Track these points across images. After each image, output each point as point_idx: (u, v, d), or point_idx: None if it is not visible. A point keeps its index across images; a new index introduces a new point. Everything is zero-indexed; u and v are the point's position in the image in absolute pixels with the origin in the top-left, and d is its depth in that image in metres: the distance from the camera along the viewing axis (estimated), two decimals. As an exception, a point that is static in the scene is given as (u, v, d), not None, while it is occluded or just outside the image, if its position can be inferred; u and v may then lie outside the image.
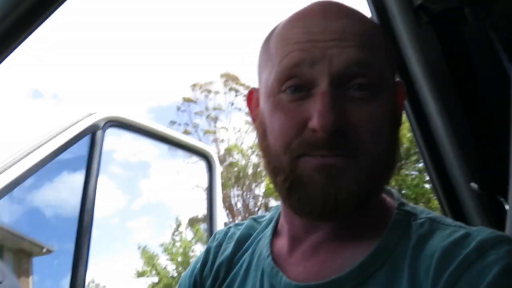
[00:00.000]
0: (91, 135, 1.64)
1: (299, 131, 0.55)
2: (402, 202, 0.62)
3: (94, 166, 1.62)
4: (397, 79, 0.66)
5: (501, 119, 0.75)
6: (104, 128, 1.67)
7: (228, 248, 0.70)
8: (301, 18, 0.59)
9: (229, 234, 0.74)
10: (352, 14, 0.59)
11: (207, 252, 0.73)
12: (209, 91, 18.28)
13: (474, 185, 0.81)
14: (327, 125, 0.52)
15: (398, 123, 0.61)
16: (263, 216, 0.75)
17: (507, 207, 0.71)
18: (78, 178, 1.67)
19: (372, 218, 0.60)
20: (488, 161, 0.82)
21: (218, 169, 2.10)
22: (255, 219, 0.75)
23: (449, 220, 0.58)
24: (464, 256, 0.49)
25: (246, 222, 0.75)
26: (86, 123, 1.59)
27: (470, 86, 0.89)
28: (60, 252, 1.79)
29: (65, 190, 1.79)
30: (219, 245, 0.72)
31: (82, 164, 1.66)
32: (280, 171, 0.57)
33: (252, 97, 0.68)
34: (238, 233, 0.72)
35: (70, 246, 1.56)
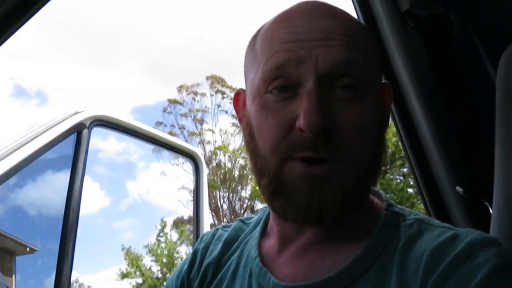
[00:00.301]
0: (77, 134, 1.62)
1: (287, 132, 0.55)
2: (390, 203, 0.62)
3: (80, 165, 1.60)
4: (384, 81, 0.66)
5: (486, 123, 0.77)
6: (90, 127, 1.65)
7: (216, 250, 0.70)
8: (286, 18, 0.59)
9: (216, 235, 0.73)
10: (338, 14, 0.59)
11: (194, 253, 0.72)
12: (196, 93, 18.21)
13: (459, 189, 0.82)
14: (313, 125, 0.51)
15: (385, 124, 0.62)
16: (251, 218, 0.74)
17: (491, 211, 0.72)
18: (63, 177, 1.65)
19: (361, 219, 0.60)
20: (473, 165, 0.84)
21: (205, 170, 2.10)
22: (242, 221, 0.74)
23: (437, 222, 0.59)
24: (453, 257, 0.50)
25: (233, 223, 0.75)
26: (72, 121, 1.57)
27: (456, 91, 0.91)
28: (43, 251, 1.77)
29: (49, 189, 1.76)
30: (207, 247, 0.72)
31: (67, 163, 1.64)
32: (265, 174, 0.57)
33: (239, 98, 0.67)
34: (225, 235, 0.72)
35: (54, 246, 1.54)
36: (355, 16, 1.05)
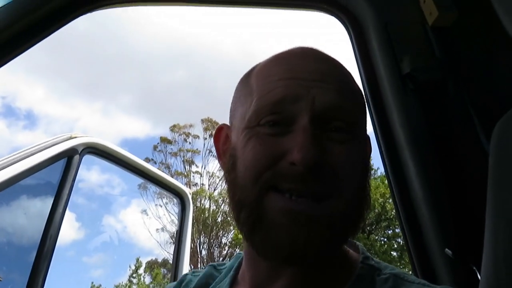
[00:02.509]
0: (67, 159, 1.60)
1: (274, 162, 0.54)
2: (366, 255, 0.62)
3: (65, 191, 1.57)
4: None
5: (478, 189, 0.78)
6: (82, 153, 1.64)
7: None
8: (283, 57, 0.62)
9: (185, 282, 0.71)
10: (332, 59, 0.62)
11: None
12: (188, 135, 18.30)
13: (448, 251, 0.82)
14: (308, 159, 0.51)
15: (369, 172, 0.62)
16: (223, 264, 0.72)
17: (479, 276, 0.71)
18: (41, 204, 1.61)
19: (336, 269, 0.59)
20: (464, 229, 0.84)
21: (191, 210, 2.06)
22: (214, 267, 0.72)
23: (412, 277, 0.58)
24: None
25: (205, 269, 0.72)
26: (64, 146, 1.56)
27: (450, 155, 0.93)
28: (6, 282, 1.67)
29: (24, 215, 1.69)
30: None
31: (49, 189, 1.60)
32: (244, 206, 0.55)
33: (221, 134, 0.67)
34: (195, 281, 0.69)
35: (19, 276, 1.47)
36: (358, 73, 1.11)
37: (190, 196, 2.08)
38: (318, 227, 0.52)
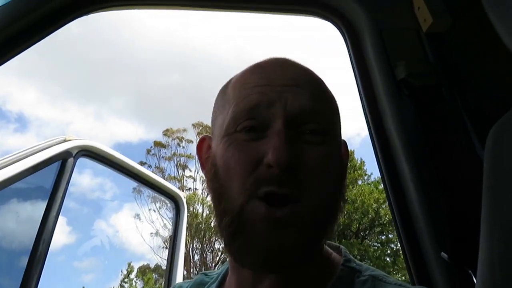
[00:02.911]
0: (62, 162, 1.59)
1: (253, 168, 0.55)
2: (348, 258, 0.63)
3: (59, 194, 1.56)
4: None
5: (473, 193, 0.79)
6: (77, 156, 1.63)
7: None
8: (258, 66, 0.64)
9: None
10: (302, 67, 0.65)
11: None
12: (181, 139, 18.25)
13: (444, 255, 0.83)
14: (282, 160, 0.52)
15: (344, 175, 0.64)
16: (213, 272, 0.74)
17: (475, 280, 0.72)
18: (33, 208, 1.59)
19: (317, 272, 0.60)
20: (459, 233, 0.85)
21: (186, 214, 2.06)
22: (205, 274, 0.74)
23: (391, 279, 0.59)
24: None
25: (196, 277, 0.74)
26: (59, 148, 1.55)
27: (444, 159, 0.94)
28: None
29: (16, 220, 1.67)
30: None
31: (42, 192, 1.59)
32: (228, 213, 0.56)
33: (203, 144, 0.69)
34: None
35: (10, 281, 1.45)
36: (354, 80, 1.12)
37: (184, 200, 2.07)
38: (291, 232, 0.53)
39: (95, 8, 1.07)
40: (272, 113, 0.56)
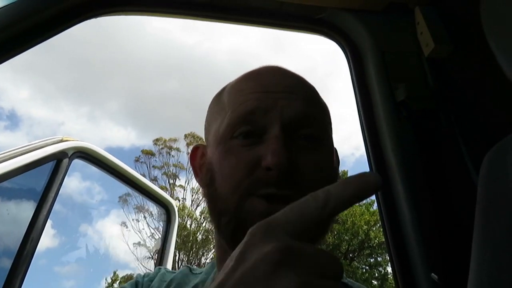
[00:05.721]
0: (56, 162, 1.59)
1: (251, 171, 0.56)
2: None
3: (51, 194, 1.55)
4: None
5: (465, 216, 0.80)
6: (72, 157, 1.63)
7: (162, 286, 0.69)
8: (254, 74, 0.66)
9: (160, 273, 0.73)
10: (298, 76, 0.67)
11: (135, 284, 0.70)
12: (171, 148, 18.15)
13: (434, 276, 0.83)
14: (281, 163, 0.53)
15: (335, 181, 0.64)
16: (198, 269, 0.74)
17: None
18: (22, 207, 1.57)
19: None
20: (450, 255, 0.85)
21: (177, 222, 2.05)
22: (190, 269, 0.74)
23: None
24: None
25: (180, 269, 0.74)
26: (54, 148, 1.55)
27: (439, 182, 0.95)
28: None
29: (6, 218, 1.65)
30: (150, 280, 0.71)
31: (32, 192, 1.57)
32: (225, 213, 0.57)
33: (197, 152, 0.70)
34: (171, 276, 0.71)
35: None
36: (354, 99, 1.13)
37: (176, 208, 2.06)
38: None
39: (103, 12, 1.09)
40: (268, 119, 0.58)
